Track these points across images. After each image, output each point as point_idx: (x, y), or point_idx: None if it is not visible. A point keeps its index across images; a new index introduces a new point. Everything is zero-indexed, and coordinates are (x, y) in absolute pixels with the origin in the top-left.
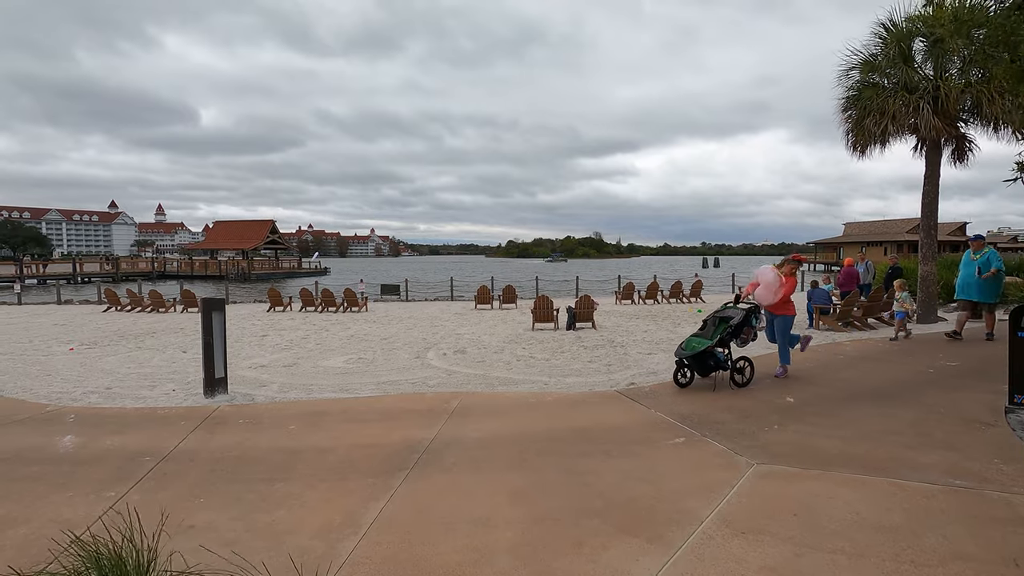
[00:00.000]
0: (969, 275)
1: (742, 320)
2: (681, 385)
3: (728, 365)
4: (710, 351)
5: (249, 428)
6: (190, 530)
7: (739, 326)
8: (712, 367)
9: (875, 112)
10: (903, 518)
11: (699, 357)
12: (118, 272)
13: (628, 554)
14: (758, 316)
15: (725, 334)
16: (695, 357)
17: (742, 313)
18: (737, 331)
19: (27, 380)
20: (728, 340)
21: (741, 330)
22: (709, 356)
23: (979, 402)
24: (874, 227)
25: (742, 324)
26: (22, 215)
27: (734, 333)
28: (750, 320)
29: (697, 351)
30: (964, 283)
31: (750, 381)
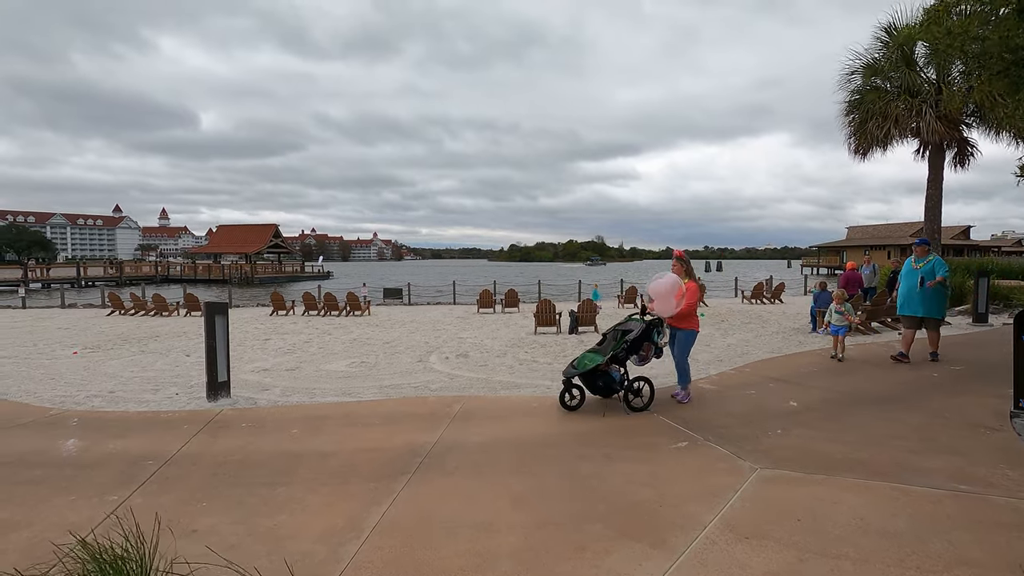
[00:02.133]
0: (912, 286)
1: (641, 335)
2: (569, 408)
3: (622, 386)
4: (602, 369)
5: (252, 432)
6: (192, 534)
7: (637, 341)
8: (602, 387)
9: (877, 116)
10: (908, 523)
11: (589, 376)
12: (122, 276)
13: (631, 559)
14: (660, 331)
15: (620, 351)
16: (585, 376)
17: (642, 327)
18: (635, 347)
19: (31, 384)
20: (624, 357)
21: (640, 346)
22: (600, 375)
23: (984, 407)
24: (877, 231)
25: (641, 339)
26: (27, 219)
27: (631, 349)
28: (651, 335)
29: (587, 368)
30: (906, 296)
31: (649, 404)
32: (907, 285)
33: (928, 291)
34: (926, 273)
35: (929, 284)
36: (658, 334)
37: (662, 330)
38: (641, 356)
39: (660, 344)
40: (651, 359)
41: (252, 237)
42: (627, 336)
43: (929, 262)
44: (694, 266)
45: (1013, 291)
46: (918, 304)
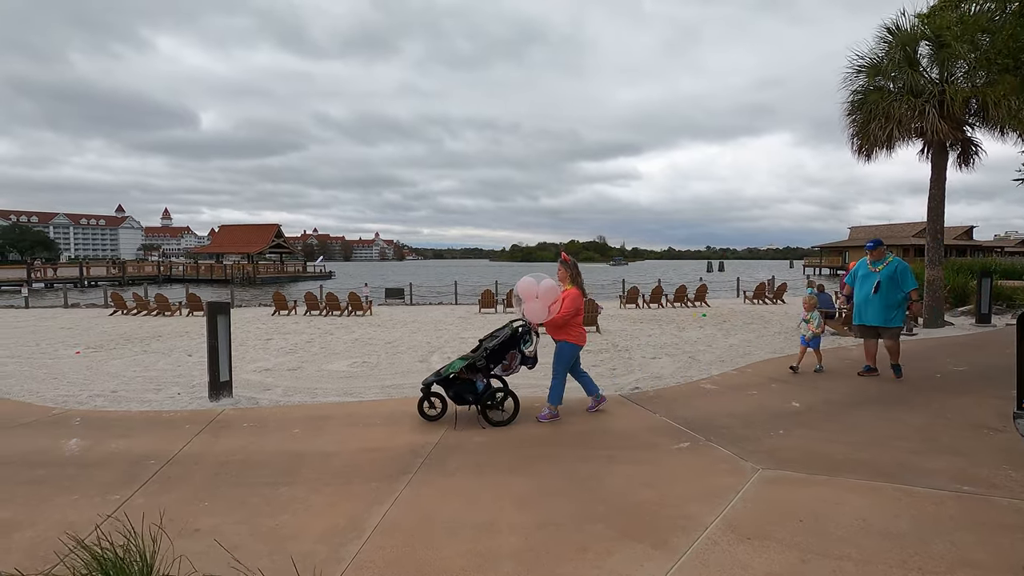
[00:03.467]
0: (867, 292)
1: (506, 342)
2: (428, 417)
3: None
4: (463, 378)
5: (253, 432)
6: (195, 533)
7: (498, 349)
8: (457, 397)
9: (880, 116)
10: (910, 524)
11: (447, 384)
12: (124, 276)
13: (632, 560)
14: (527, 338)
15: (479, 359)
16: (443, 383)
17: (507, 334)
18: (496, 355)
19: (34, 383)
20: (484, 366)
21: (503, 355)
22: (461, 384)
23: (987, 407)
24: (880, 231)
25: (506, 347)
26: (30, 219)
27: (491, 358)
28: (518, 343)
29: (444, 376)
30: (861, 303)
31: (512, 419)
32: (862, 292)
33: (884, 298)
34: (884, 278)
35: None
36: (525, 342)
37: (530, 338)
38: (504, 365)
39: (527, 352)
40: (516, 369)
41: (254, 237)
42: (489, 343)
43: (889, 264)
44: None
45: (1016, 292)
46: (873, 312)
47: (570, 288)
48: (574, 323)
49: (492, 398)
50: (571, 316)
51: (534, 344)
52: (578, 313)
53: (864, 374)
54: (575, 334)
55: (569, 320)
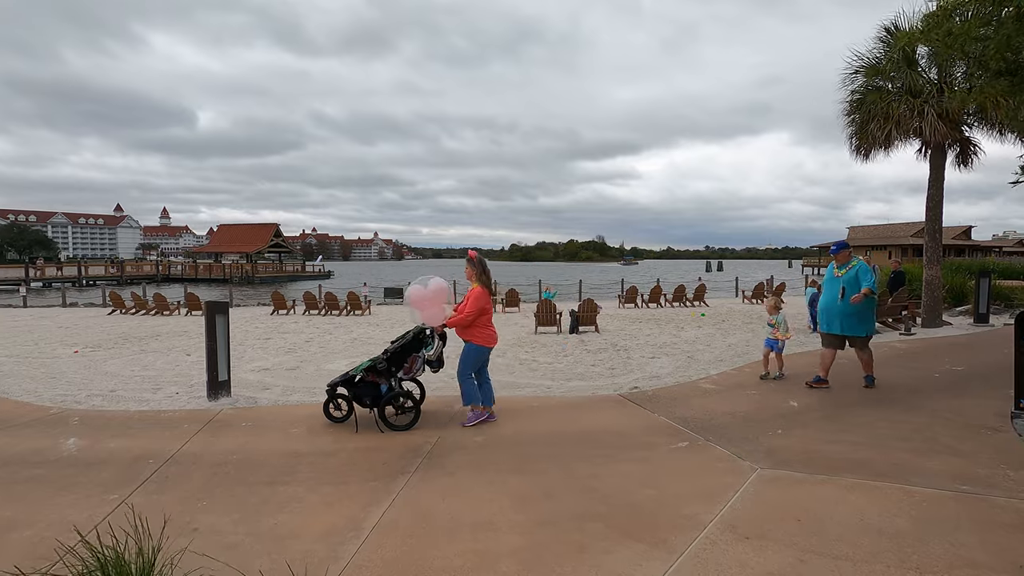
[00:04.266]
0: (832, 298)
1: (407, 345)
2: (334, 419)
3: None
4: (369, 380)
5: (252, 431)
6: (193, 533)
7: (400, 352)
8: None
9: (879, 116)
10: (909, 524)
11: (350, 386)
12: (123, 275)
13: (631, 559)
14: (429, 342)
15: (379, 362)
16: (346, 385)
17: (410, 336)
18: (397, 358)
19: (32, 383)
20: (384, 369)
21: (405, 358)
22: (364, 386)
23: (985, 407)
24: (878, 231)
25: (407, 350)
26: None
27: (391, 360)
28: (419, 346)
29: (347, 378)
30: (825, 310)
31: (411, 424)
32: (826, 297)
33: (849, 304)
34: (848, 282)
35: (853, 300)
36: (426, 346)
37: (431, 341)
38: (406, 368)
39: (428, 356)
40: (418, 372)
41: (253, 236)
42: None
43: (852, 268)
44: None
45: (1014, 291)
46: (838, 320)
47: (476, 287)
48: (480, 323)
49: (394, 402)
50: (475, 316)
51: (435, 347)
52: (483, 313)
53: (814, 385)
54: (481, 335)
55: (474, 320)
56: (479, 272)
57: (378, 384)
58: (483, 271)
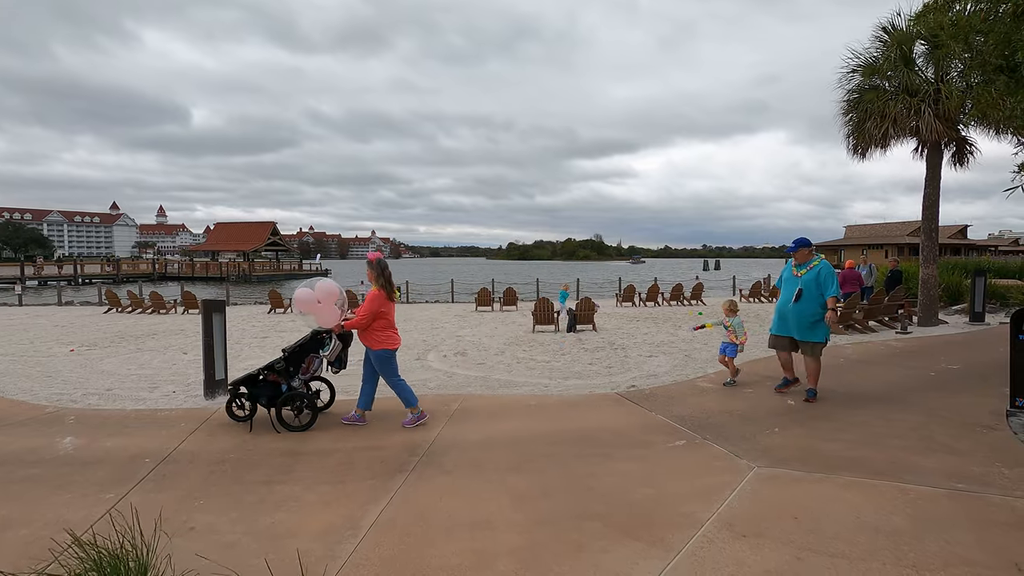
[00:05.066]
0: (787, 299)
1: (305, 345)
2: (237, 418)
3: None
4: (270, 380)
5: (249, 430)
6: (190, 532)
7: (298, 352)
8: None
9: (876, 115)
10: (905, 522)
11: (249, 384)
12: (119, 273)
13: (629, 557)
14: (325, 344)
15: (278, 362)
16: (250, 383)
17: (308, 337)
18: (295, 359)
19: (28, 382)
20: (283, 369)
21: (303, 358)
22: (265, 385)
23: (981, 406)
24: (875, 230)
25: (305, 350)
26: (23, 216)
27: (289, 360)
28: (317, 347)
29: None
30: (779, 310)
31: (308, 426)
32: (782, 298)
33: (805, 307)
34: (807, 284)
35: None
36: (324, 347)
37: (329, 341)
38: (303, 369)
39: (324, 356)
40: (316, 372)
41: (250, 235)
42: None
43: (813, 269)
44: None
45: (1010, 290)
46: (792, 322)
47: (373, 289)
48: (379, 326)
49: (290, 402)
50: (370, 318)
51: (331, 347)
52: (380, 316)
53: (782, 389)
54: (379, 338)
55: (370, 323)
56: (378, 275)
57: (279, 384)
58: (382, 274)
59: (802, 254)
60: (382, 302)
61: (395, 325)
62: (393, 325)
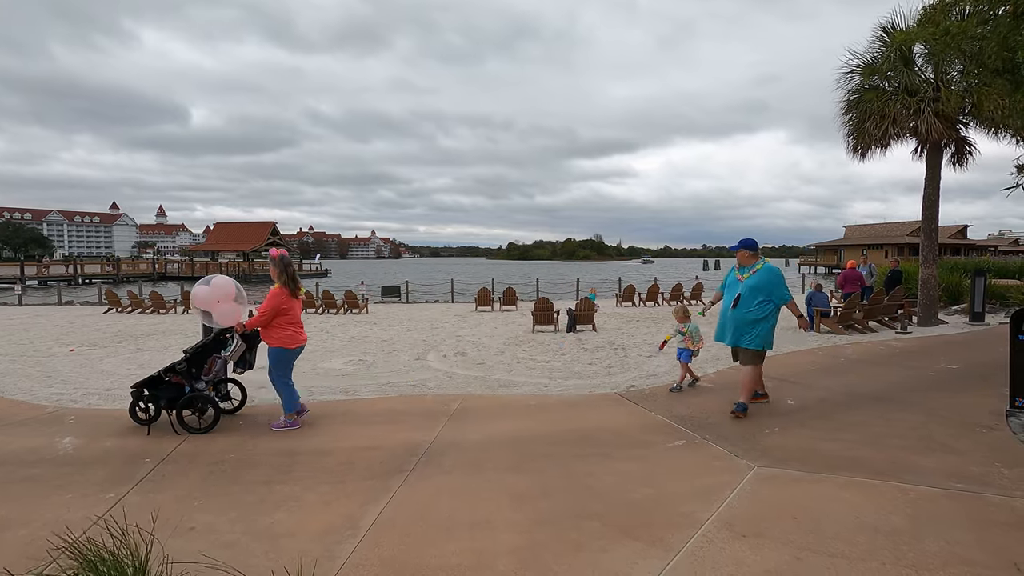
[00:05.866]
0: (727, 305)
1: (207, 346)
2: (141, 422)
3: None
4: (173, 382)
5: (248, 430)
6: (189, 532)
7: (200, 353)
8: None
9: (876, 115)
10: (904, 522)
11: (156, 385)
12: (119, 273)
13: (628, 557)
14: (228, 345)
15: (179, 363)
16: (153, 385)
17: (210, 338)
18: (197, 359)
19: (27, 381)
20: (185, 370)
21: (205, 359)
22: (168, 387)
23: (981, 406)
24: (875, 230)
25: (208, 351)
26: (23, 216)
27: (191, 361)
28: (218, 347)
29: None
30: (721, 317)
31: (210, 428)
32: (724, 303)
33: (744, 312)
34: (748, 289)
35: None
36: (226, 347)
37: (231, 341)
38: (205, 370)
39: (226, 357)
40: (218, 374)
41: (250, 235)
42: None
43: (756, 273)
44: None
45: (1010, 290)
46: (730, 328)
47: (275, 286)
48: (279, 324)
49: (190, 404)
50: (270, 315)
51: (232, 348)
52: (281, 313)
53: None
54: (279, 336)
55: (270, 320)
56: (281, 272)
57: (182, 385)
58: (284, 271)
59: (744, 256)
60: (284, 299)
61: (300, 323)
62: (297, 323)
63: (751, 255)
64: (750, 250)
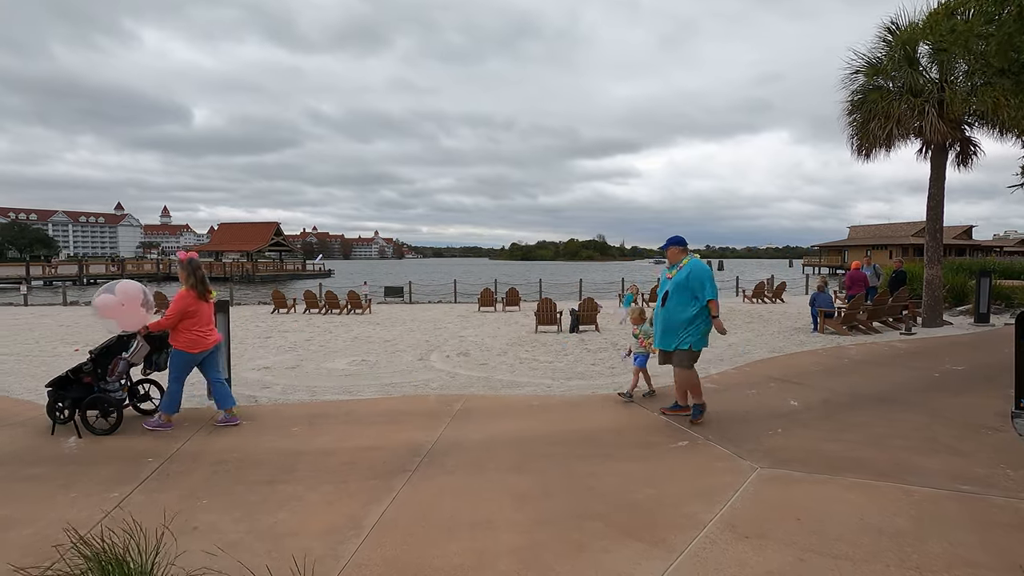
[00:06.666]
0: (658, 305)
1: (111, 347)
2: (58, 421)
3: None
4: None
5: (252, 430)
6: (193, 531)
7: (104, 354)
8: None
9: (880, 116)
10: (908, 523)
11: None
12: (123, 273)
13: (630, 558)
14: (131, 344)
15: (86, 364)
16: (62, 385)
17: (114, 339)
18: (101, 360)
19: (32, 381)
20: (91, 371)
21: (109, 360)
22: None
23: (985, 407)
24: (879, 230)
25: (111, 352)
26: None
27: (96, 362)
28: (121, 349)
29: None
30: (654, 318)
31: (112, 429)
32: (657, 304)
33: (671, 312)
34: (676, 287)
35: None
36: (128, 348)
37: (133, 343)
38: (110, 371)
39: (130, 360)
40: (121, 374)
41: (254, 235)
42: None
43: (682, 269)
44: None
45: (1015, 291)
46: (659, 328)
47: (183, 289)
48: (185, 327)
49: (94, 405)
50: (176, 318)
51: (134, 349)
52: (188, 316)
53: (668, 412)
54: (184, 339)
55: (176, 323)
56: (188, 275)
57: (91, 385)
58: (192, 274)
59: (672, 253)
60: (190, 302)
61: (209, 326)
62: (205, 325)
63: (679, 251)
64: (678, 247)
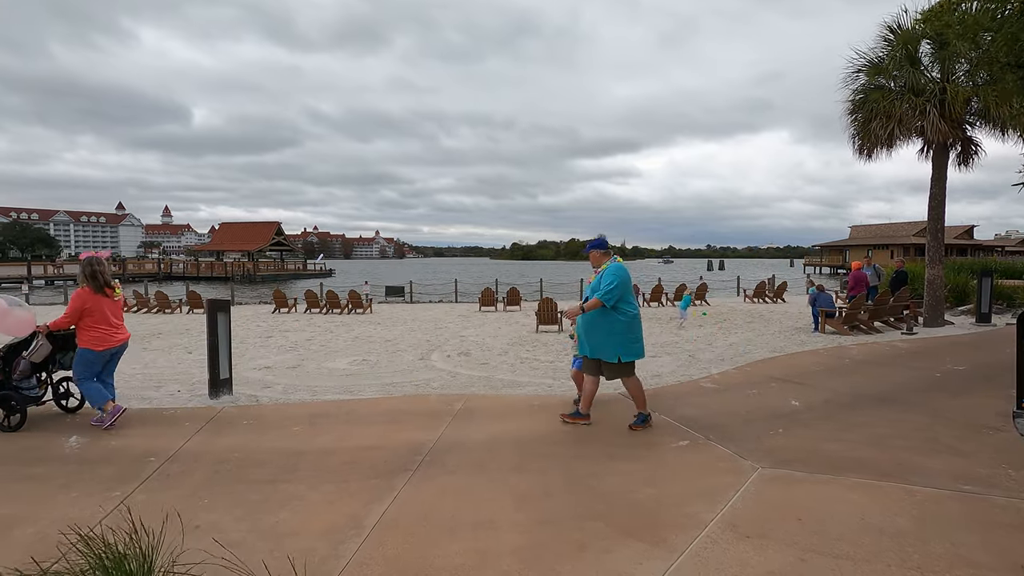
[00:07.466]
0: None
1: (16, 346)
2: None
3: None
4: None
5: (253, 429)
6: (195, 530)
7: (8, 355)
8: None
9: (881, 115)
10: (910, 523)
11: None
12: (124, 273)
13: (631, 558)
14: (29, 346)
15: None
16: None
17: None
18: (7, 360)
19: None
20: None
21: (11, 361)
22: None
23: (987, 407)
24: (880, 230)
25: (14, 352)
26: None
27: (6, 359)
28: (21, 349)
29: None
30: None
31: (17, 427)
32: None
33: (592, 320)
34: (591, 292)
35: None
36: (28, 348)
37: (32, 343)
38: (13, 369)
39: (30, 358)
40: (23, 376)
41: (255, 235)
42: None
43: (600, 273)
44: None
45: (1016, 291)
46: (584, 337)
47: (80, 287)
48: (87, 325)
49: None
50: (73, 316)
51: (33, 348)
52: (86, 313)
53: (569, 420)
54: (87, 337)
55: (74, 321)
56: (86, 274)
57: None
58: (90, 274)
59: (594, 256)
60: (86, 299)
61: (115, 324)
62: (108, 323)
63: (601, 255)
64: (600, 250)
